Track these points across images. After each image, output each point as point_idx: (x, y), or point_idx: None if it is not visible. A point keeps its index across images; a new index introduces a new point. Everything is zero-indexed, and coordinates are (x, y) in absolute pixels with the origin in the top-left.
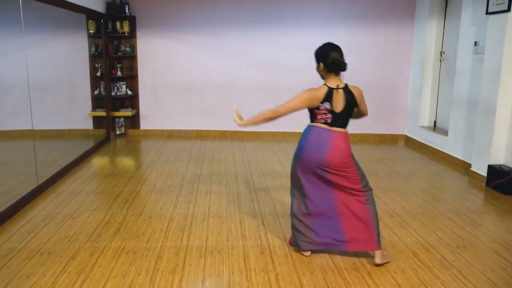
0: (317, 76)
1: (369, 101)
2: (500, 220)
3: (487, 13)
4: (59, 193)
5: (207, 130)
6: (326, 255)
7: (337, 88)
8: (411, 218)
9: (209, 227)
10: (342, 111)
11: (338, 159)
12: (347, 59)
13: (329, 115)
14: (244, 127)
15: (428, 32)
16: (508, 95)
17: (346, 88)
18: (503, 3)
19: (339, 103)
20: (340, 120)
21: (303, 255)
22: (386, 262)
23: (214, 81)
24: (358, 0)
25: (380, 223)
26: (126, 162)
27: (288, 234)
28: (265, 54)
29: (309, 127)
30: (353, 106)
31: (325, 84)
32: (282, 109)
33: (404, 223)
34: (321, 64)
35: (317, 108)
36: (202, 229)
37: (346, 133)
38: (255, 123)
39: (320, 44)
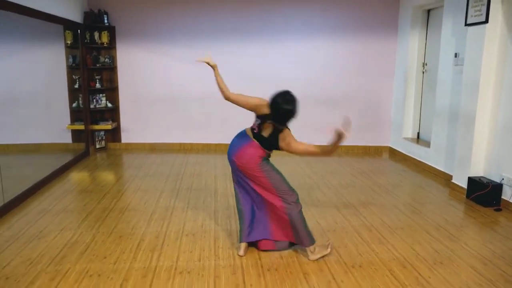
0: (301, 87)
1: (353, 113)
2: (478, 233)
3: (466, 24)
4: (27, 212)
5: (191, 143)
6: (301, 277)
7: None
8: (390, 233)
9: (182, 246)
10: None
11: None
12: (331, 71)
13: None
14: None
15: (411, 43)
16: (487, 106)
17: None
18: (481, 14)
19: None
20: None
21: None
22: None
23: (196, 92)
24: (341, 11)
25: (358, 238)
26: (104, 177)
27: (262, 252)
28: (246, 65)
29: None
30: None
31: None
32: (239, 99)
33: (383, 238)
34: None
35: None
36: (174, 248)
37: None
38: (218, 82)
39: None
